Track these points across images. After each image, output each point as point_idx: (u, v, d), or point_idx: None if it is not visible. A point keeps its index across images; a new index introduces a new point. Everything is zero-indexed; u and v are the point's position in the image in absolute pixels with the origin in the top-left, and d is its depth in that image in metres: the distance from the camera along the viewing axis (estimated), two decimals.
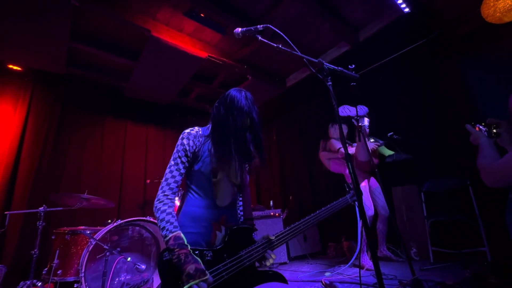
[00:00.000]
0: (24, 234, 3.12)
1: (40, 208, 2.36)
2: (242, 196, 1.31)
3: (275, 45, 1.28)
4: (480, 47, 3.15)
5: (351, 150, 2.92)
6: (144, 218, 2.55)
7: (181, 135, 1.20)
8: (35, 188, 3.34)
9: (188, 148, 1.16)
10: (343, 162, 3.01)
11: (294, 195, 4.80)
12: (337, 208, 1.35)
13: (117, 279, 2.39)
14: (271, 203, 4.21)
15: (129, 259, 2.16)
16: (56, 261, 2.37)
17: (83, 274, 2.16)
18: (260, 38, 1.30)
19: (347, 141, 3.10)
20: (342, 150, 2.77)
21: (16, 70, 3.57)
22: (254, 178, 5.83)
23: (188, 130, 1.21)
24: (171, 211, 1.07)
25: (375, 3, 3.09)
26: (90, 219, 3.44)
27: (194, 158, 1.18)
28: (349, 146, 3.03)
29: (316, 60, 1.29)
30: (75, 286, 2.25)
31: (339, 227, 4.00)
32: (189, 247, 0.99)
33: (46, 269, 2.40)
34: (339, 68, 1.33)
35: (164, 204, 1.08)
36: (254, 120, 1.21)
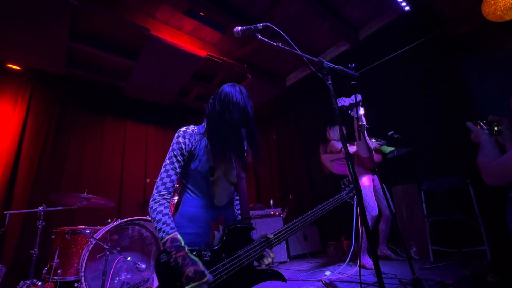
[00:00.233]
0: (24, 234, 3.12)
1: (40, 208, 2.35)
2: (238, 195, 1.28)
3: (275, 43, 1.27)
4: (480, 46, 3.14)
5: (353, 148, 2.92)
6: (144, 218, 2.55)
7: (176, 134, 1.16)
8: (35, 188, 3.34)
9: (184, 147, 1.13)
10: (344, 161, 3.01)
11: (294, 194, 4.80)
12: (333, 205, 1.34)
13: (117, 279, 2.39)
14: (271, 202, 4.21)
15: (129, 258, 2.16)
16: (56, 260, 2.37)
17: (83, 273, 2.16)
18: (259, 36, 1.29)
19: (348, 141, 3.11)
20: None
21: (15, 70, 3.57)
22: (254, 178, 5.83)
23: (184, 128, 1.18)
24: (167, 211, 1.04)
25: (375, 2, 3.08)
26: (90, 218, 3.45)
27: (190, 156, 1.15)
28: (350, 145, 3.03)
29: (316, 59, 1.28)
30: (75, 286, 2.26)
31: (339, 226, 4.00)
32: (186, 249, 0.97)
33: (46, 268, 2.40)
34: (339, 67, 1.32)
35: (160, 205, 1.05)
36: (250, 115, 1.18)
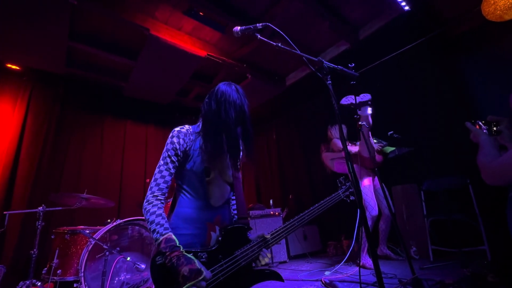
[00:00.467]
0: (23, 234, 3.12)
1: (39, 208, 2.35)
2: (235, 195, 1.26)
3: (275, 43, 1.26)
4: (480, 46, 3.14)
5: (355, 148, 2.92)
6: (144, 218, 2.54)
7: (171, 133, 1.14)
8: (34, 188, 3.34)
9: (178, 147, 1.11)
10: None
11: (294, 194, 4.80)
12: (330, 204, 1.34)
13: (116, 279, 2.39)
14: (271, 202, 4.21)
15: (128, 258, 2.16)
16: (55, 260, 2.37)
17: (83, 273, 2.16)
18: (259, 36, 1.28)
19: (349, 141, 3.11)
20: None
21: (15, 70, 3.56)
22: (253, 178, 5.83)
23: (178, 128, 1.16)
24: (160, 212, 1.03)
25: (374, 2, 3.08)
26: (89, 218, 3.44)
27: (185, 157, 1.13)
28: (352, 145, 3.03)
29: (315, 59, 1.28)
30: (74, 286, 2.25)
31: (339, 226, 4.00)
32: (181, 248, 0.96)
33: (46, 268, 2.40)
34: (339, 67, 1.32)
35: (154, 206, 1.03)
36: (246, 114, 1.17)
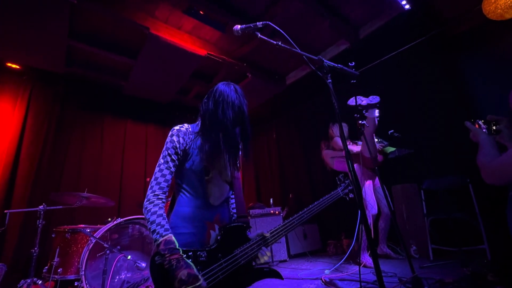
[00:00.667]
0: (24, 233, 3.13)
1: (40, 207, 2.35)
2: (234, 193, 1.26)
3: (275, 42, 1.26)
4: (480, 45, 3.13)
5: (357, 148, 2.91)
6: (144, 217, 2.55)
7: (170, 132, 1.14)
8: (35, 187, 3.35)
9: (178, 146, 1.11)
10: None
11: (294, 193, 4.80)
12: (329, 201, 1.34)
13: (117, 277, 2.39)
14: (271, 201, 4.21)
15: (129, 257, 2.16)
16: (56, 259, 2.37)
17: (84, 272, 2.16)
18: (259, 35, 1.28)
19: (351, 140, 3.10)
20: (348, 147, 2.75)
21: (15, 69, 3.56)
22: (254, 177, 5.83)
23: (178, 127, 1.16)
24: (161, 212, 1.03)
25: (375, 1, 3.07)
26: (90, 217, 3.45)
27: (185, 156, 1.13)
28: (353, 145, 3.03)
29: (316, 58, 1.28)
30: (75, 284, 2.26)
31: (339, 225, 4.01)
32: (180, 251, 0.96)
33: (47, 267, 2.40)
34: (339, 66, 1.32)
35: (155, 205, 1.03)
36: (244, 114, 1.17)
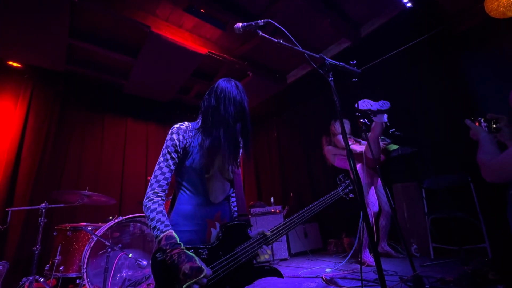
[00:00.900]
0: (26, 231, 3.14)
1: (42, 205, 2.36)
2: (235, 191, 1.26)
3: (276, 40, 1.25)
4: (482, 43, 3.12)
5: (360, 148, 2.91)
6: (145, 215, 2.56)
7: (170, 130, 1.15)
8: (36, 185, 3.35)
9: (178, 144, 1.11)
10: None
11: (294, 192, 4.80)
12: (329, 201, 1.34)
13: (118, 275, 2.41)
14: (272, 200, 4.22)
15: (130, 255, 2.17)
16: (58, 257, 2.39)
17: (85, 270, 2.17)
18: (260, 33, 1.27)
19: (353, 137, 3.09)
20: (351, 147, 2.73)
21: (16, 67, 3.56)
22: (254, 175, 5.83)
23: (178, 124, 1.16)
24: (161, 209, 1.04)
25: None
26: (91, 215, 3.47)
27: (185, 153, 1.13)
28: (356, 144, 3.01)
29: (317, 56, 1.27)
30: (77, 282, 2.27)
31: (339, 224, 4.01)
32: (182, 246, 0.97)
33: (48, 265, 2.41)
34: (341, 64, 1.31)
35: (154, 203, 1.04)
36: (245, 110, 1.17)
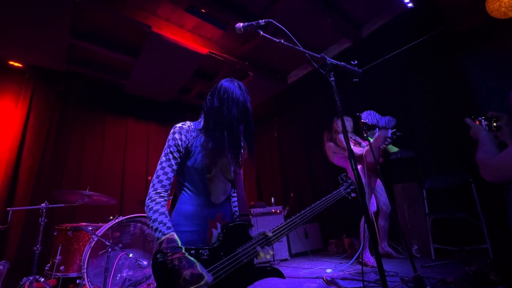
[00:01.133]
0: (26, 231, 3.14)
1: (42, 205, 2.36)
2: (236, 192, 1.26)
3: (277, 40, 1.25)
4: (483, 43, 3.11)
5: (360, 150, 2.90)
6: (145, 215, 2.55)
7: (172, 130, 1.13)
8: (37, 185, 3.36)
9: (180, 143, 1.10)
10: (347, 158, 3.00)
11: (295, 192, 4.80)
12: (331, 201, 1.33)
13: (119, 275, 2.40)
14: (272, 200, 4.21)
15: (131, 255, 2.17)
16: (58, 257, 2.39)
17: (86, 270, 2.17)
18: (261, 33, 1.27)
19: (354, 138, 3.08)
20: (352, 149, 2.72)
21: (17, 67, 3.57)
22: (255, 175, 5.83)
23: (180, 124, 1.15)
24: (164, 210, 1.02)
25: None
26: (91, 215, 3.47)
27: (187, 153, 1.12)
28: (356, 145, 3.01)
29: (318, 55, 1.27)
30: (77, 282, 2.27)
31: (340, 224, 4.00)
32: (183, 249, 0.95)
33: (49, 265, 2.41)
34: (342, 63, 1.31)
35: (157, 203, 1.02)
36: (248, 111, 1.17)
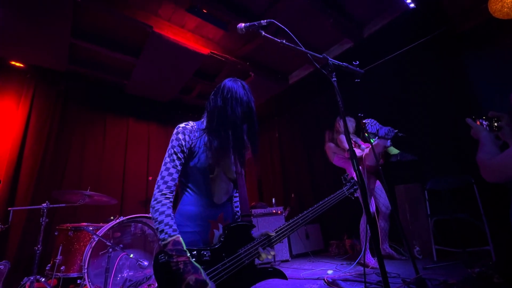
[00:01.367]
0: (27, 231, 3.14)
1: (43, 205, 2.36)
2: (238, 192, 1.25)
3: (279, 40, 1.25)
4: (486, 44, 3.09)
5: (360, 153, 2.89)
6: (146, 215, 2.55)
7: (175, 130, 1.13)
8: (38, 185, 3.36)
9: (184, 144, 1.10)
10: (347, 159, 2.99)
11: (296, 193, 4.79)
12: (334, 201, 1.32)
13: (119, 275, 2.40)
14: (273, 201, 4.20)
15: (131, 255, 2.17)
16: (59, 257, 2.39)
17: (86, 270, 2.17)
18: (263, 33, 1.26)
19: (357, 139, 3.07)
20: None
21: (18, 67, 3.58)
22: (256, 176, 5.82)
23: (183, 124, 1.14)
24: (169, 212, 1.01)
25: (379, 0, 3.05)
26: (92, 215, 3.47)
27: (190, 154, 1.12)
28: (356, 147, 2.99)
29: (320, 56, 1.26)
30: (78, 282, 2.27)
31: (341, 225, 3.99)
32: (188, 254, 0.95)
33: (50, 265, 2.41)
34: (344, 64, 1.30)
35: (163, 205, 1.01)
36: (252, 110, 1.16)
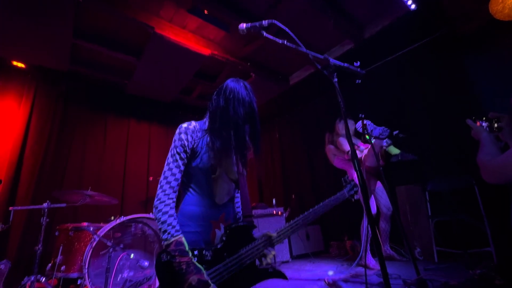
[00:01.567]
0: (28, 230, 3.14)
1: (44, 204, 2.36)
2: (239, 192, 1.25)
3: (281, 40, 1.25)
4: (486, 45, 3.09)
5: (359, 154, 2.89)
6: (147, 215, 2.56)
7: (178, 130, 1.12)
8: (38, 185, 3.36)
9: (186, 144, 1.10)
10: (347, 161, 2.98)
11: (296, 194, 4.78)
12: (335, 202, 1.33)
13: (120, 276, 2.40)
14: (274, 202, 4.20)
15: (132, 256, 2.17)
16: (59, 257, 2.39)
17: (87, 270, 2.17)
18: (265, 34, 1.26)
19: (357, 140, 3.06)
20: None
21: (19, 67, 3.59)
22: (256, 176, 5.82)
23: (185, 124, 1.14)
24: (173, 212, 1.02)
25: (380, 1, 3.04)
26: (93, 215, 3.47)
27: (192, 154, 1.12)
28: (356, 148, 2.99)
29: (321, 57, 1.26)
30: (78, 283, 2.27)
31: (341, 226, 3.99)
32: (190, 254, 0.95)
33: (50, 265, 2.41)
34: (345, 64, 1.30)
35: (166, 205, 1.02)
36: (254, 111, 1.16)
